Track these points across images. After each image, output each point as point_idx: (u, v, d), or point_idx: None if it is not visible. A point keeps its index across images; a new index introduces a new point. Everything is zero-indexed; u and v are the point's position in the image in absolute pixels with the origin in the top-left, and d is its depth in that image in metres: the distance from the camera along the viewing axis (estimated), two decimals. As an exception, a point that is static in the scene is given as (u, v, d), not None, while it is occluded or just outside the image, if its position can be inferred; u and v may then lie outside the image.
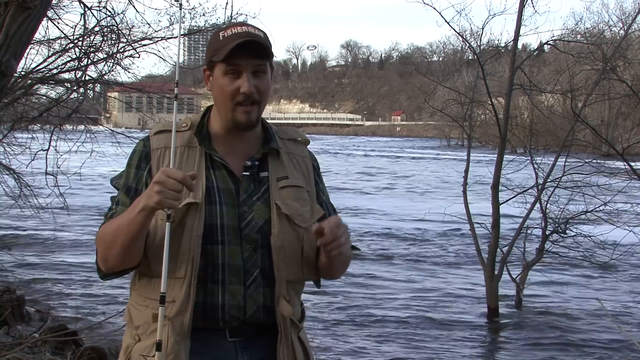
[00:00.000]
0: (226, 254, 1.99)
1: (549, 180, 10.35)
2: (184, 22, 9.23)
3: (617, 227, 10.12)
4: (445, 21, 10.30)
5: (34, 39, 5.18)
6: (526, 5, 9.90)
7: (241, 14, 8.69)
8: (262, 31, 2.06)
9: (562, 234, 10.39)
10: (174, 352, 1.94)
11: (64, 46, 8.26)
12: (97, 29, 7.89)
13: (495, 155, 10.34)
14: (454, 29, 10.65)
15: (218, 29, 2.13)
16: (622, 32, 13.16)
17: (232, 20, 8.55)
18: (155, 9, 9.49)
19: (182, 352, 1.95)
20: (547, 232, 10.38)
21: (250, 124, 2.05)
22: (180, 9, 2.10)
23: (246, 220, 2.02)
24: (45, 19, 6.38)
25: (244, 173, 2.06)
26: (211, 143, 2.07)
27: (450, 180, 27.87)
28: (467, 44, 11.10)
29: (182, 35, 9.76)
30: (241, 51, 1.99)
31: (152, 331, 1.96)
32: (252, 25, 2.07)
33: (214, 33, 2.12)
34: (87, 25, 7.64)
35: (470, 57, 14.34)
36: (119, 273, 2.03)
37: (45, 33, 8.52)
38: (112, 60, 8.44)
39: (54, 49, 8.42)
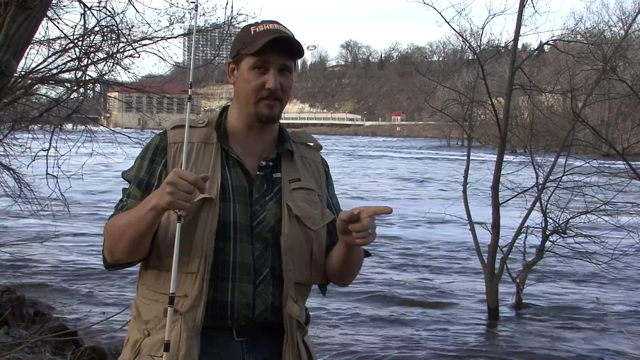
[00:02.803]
0: (237, 251, 1.99)
1: (549, 180, 10.35)
2: (183, 22, 9.24)
3: (617, 226, 10.12)
4: (446, 21, 10.32)
5: (34, 39, 5.18)
6: (526, 5, 9.90)
7: (241, 14, 8.69)
8: (290, 31, 2.08)
9: (562, 234, 10.39)
10: (186, 347, 1.93)
11: (64, 46, 8.25)
12: (97, 29, 7.88)
13: (495, 155, 10.34)
14: (454, 29, 10.66)
15: (249, 25, 2.13)
16: (622, 32, 13.18)
17: (232, 21, 8.57)
18: (155, 9, 9.49)
19: (194, 348, 1.94)
20: (547, 232, 10.38)
21: (272, 118, 2.06)
22: (197, 10, 2.09)
23: (258, 219, 2.03)
24: (45, 19, 6.37)
25: (258, 173, 2.07)
26: (228, 140, 2.07)
27: (450, 180, 27.87)
28: (467, 44, 11.11)
29: (182, 35, 9.77)
30: (272, 47, 2.00)
31: (162, 326, 1.94)
32: (282, 25, 2.09)
33: (244, 27, 2.13)
34: (87, 25, 7.64)
35: (470, 57, 14.34)
36: (123, 265, 2.04)
37: (45, 33, 8.52)
38: (112, 60, 8.43)
39: (54, 49, 8.42)
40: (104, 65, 8.44)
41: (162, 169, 2.03)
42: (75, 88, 8.88)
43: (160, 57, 8.98)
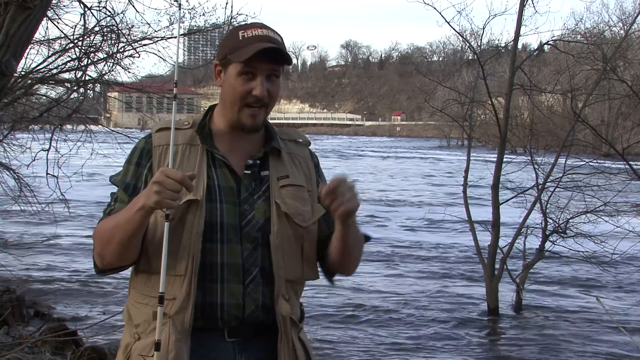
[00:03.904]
0: (225, 252, 1.98)
1: (549, 180, 10.34)
2: (183, 22, 9.23)
3: (617, 226, 10.12)
4: (446, 21, 10.32)
5: (34, 39, 5.18)
6: (526, 6, 9.91)
7: (241, 14, 8.68)
8: (279, 34, 2.06)
9: (562, 234, 10.38)
10: (175, 349, 1.92)
11: (64, 46, 8.26)
12: (97, 29, 7.89)
13: (495, 155, 10.34)
14: (454, 29, 10.67)
15: (237, 27, 2.11)
16: (622, 32, 13.18)
17: (232, 21, 8.56)
18: (155, 9, 9.49)
19: (183, 351, 1.93)
20: (547, 232, 10.38)
21: (254, 127, 2.05)
22: (180, 9, 2.09)
23: (247, 218, 2.01)
24: (45, 19, 6.38)
25: (245, 171, 2.06)
26: (213, 141, 2.06)
27: (448, 179, 27.85)
28: (468, 44, 11.11)
29: (182, 35, 9.76)
30: (261, 56, 1.98)
31: (152, 329, 1.94)
32: (271, 28, 2.06)
33: (232, 29, 2.10)
34: (87, 25, 7.64)
35: (470, 57, 14.36)
36: (115, 269, 2.02)
37: (45, 33, 8.52)
38: (112, 60, 8.44)
39: (54, 49, 8.42)
40: (104, 65, 8.45)
41: (147, 172, 2.02)
42: (75, 88, 8.89)
43: (160, 57, 8.99)
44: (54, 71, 8.37)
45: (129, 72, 9.18)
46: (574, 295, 11.31)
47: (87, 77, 8.66)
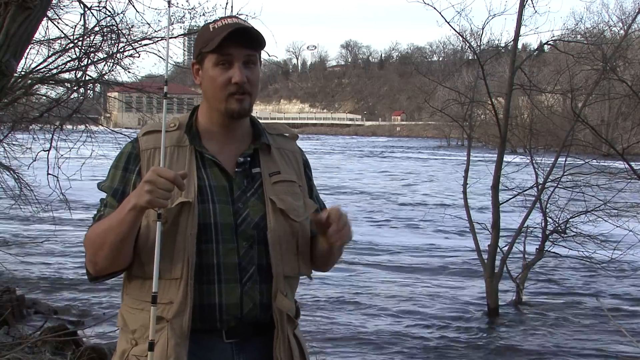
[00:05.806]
0: (221, 252, 1.97)
1: (549, 180, 10.35)
2: (183, 22, 9.26)
3: (617, 226, 10.12)
4: (446, 21, 10.32)
5: (34, 39, 5.18)
6: (526, 6, 9.91)
7: (241, 14, 8.70)
8: (251, 25, 2.05)
9: (562, 234, 10.39)
10: (175, 353, 1.91)
11: (64, 46, 8.26)
12: (97, 29, 7.89)
13: (495, 155, 10.34)
14: (454, 29, 10.70)
15: (207, 23, 2.11)
16: (622, 32, 13.18)
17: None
18: (155, 9, 9.51)
19: (182, 354, 1.93)
20: (547, 232, 10.38)
21: (243, 112, 2.03)
22: (169, 6, 2.13)
23: (242, 216, 2.00)
24: (45, 19, 6.38)
25: (237, 169, 2.05)
26: (201, 141, 2.05)
27: (448, 180, 27.87)
28: (467, 44, 11.12)
29: (181, 35, 9.78)
30: (233, 41, 1.97)
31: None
32: (242, 19, 2.06)
33: (203, 26, 2.10)
34: (87, 25, 7.64)
35: (470, 57, 14.37)
36: (108, 276, 2.01)
37: (45, 33, 8.53)
38: (112, 60, 8.44)
39: (54, 49, 8.43)
40: (104, 65, 8.46)
41: (136, 177, 2.00)
42: (75, 88, 8.89)
43: (160, 57, 9.01)
44: (54, 71, 8.37)
45: (129, 72, 9.19)
46: (574, 295, 11.31)
47: (87, 77, 8.67)
